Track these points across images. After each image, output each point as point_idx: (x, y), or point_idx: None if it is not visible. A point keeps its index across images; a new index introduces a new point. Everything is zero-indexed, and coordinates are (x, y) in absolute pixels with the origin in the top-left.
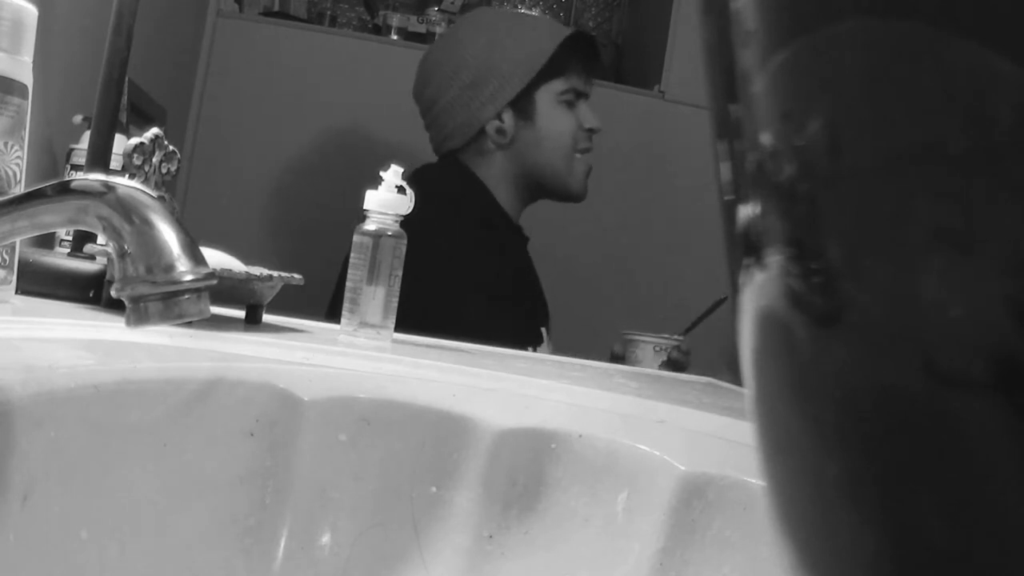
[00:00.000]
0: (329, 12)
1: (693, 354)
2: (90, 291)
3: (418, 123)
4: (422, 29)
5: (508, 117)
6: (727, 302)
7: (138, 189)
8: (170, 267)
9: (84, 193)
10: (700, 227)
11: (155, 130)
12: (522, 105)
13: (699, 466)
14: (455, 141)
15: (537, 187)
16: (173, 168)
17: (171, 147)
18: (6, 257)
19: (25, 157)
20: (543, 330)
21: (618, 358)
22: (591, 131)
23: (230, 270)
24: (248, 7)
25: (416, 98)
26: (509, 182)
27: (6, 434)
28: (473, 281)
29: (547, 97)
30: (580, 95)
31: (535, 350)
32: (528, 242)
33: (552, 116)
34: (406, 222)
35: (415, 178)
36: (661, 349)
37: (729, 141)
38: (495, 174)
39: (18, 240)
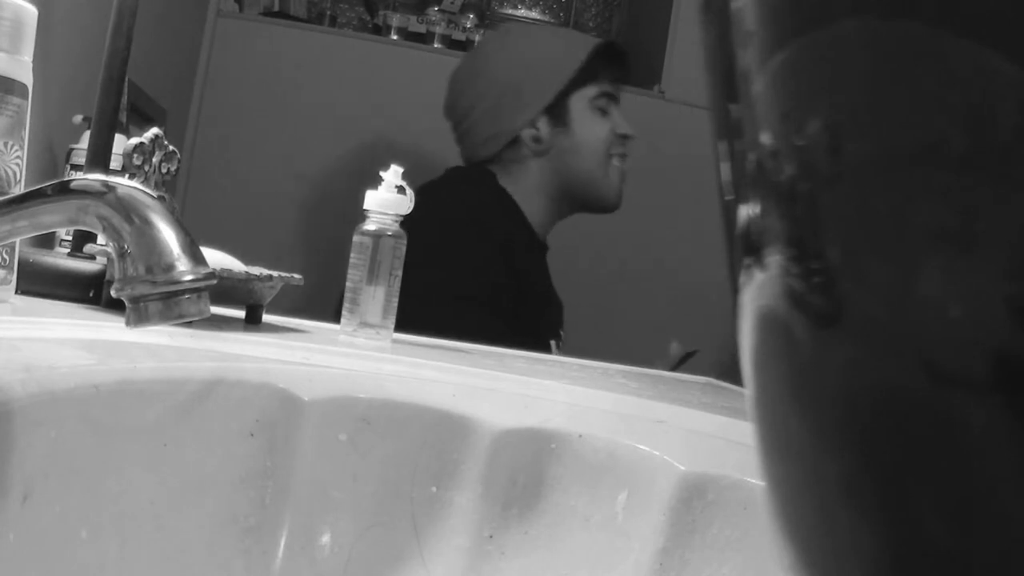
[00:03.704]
0: (329, 12)
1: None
2: (90, 291)
3: (417, 123)
4: (422, 29)
5: (543, 124)
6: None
7: (138, 189)
8: (170, 267)
9: (84, 193)
10: (700, 227)
11: (155, 130)
12: (557, 111)
13: (699, 466)
14: (488, 150)
15: (572, 197)
16: (173, 168)
17: (171, 147)
18: (6, 257)
19: (25, 157)
20: (553, 343)
21: None
22: (624, 137)
23: (230, 270)
24: (248, 7)
25: (448, 113)
26: (543, 194)
27: (6, 434)
28: (481, 294)
29: (581, 103)
30: (612, 99)
31: None
32: (547, 252)
33: (587, 122)
34: (422, 225)
35: (443, 181)
36: None
37: (729, 141)
38: (529, 186)
39: (18, 240)
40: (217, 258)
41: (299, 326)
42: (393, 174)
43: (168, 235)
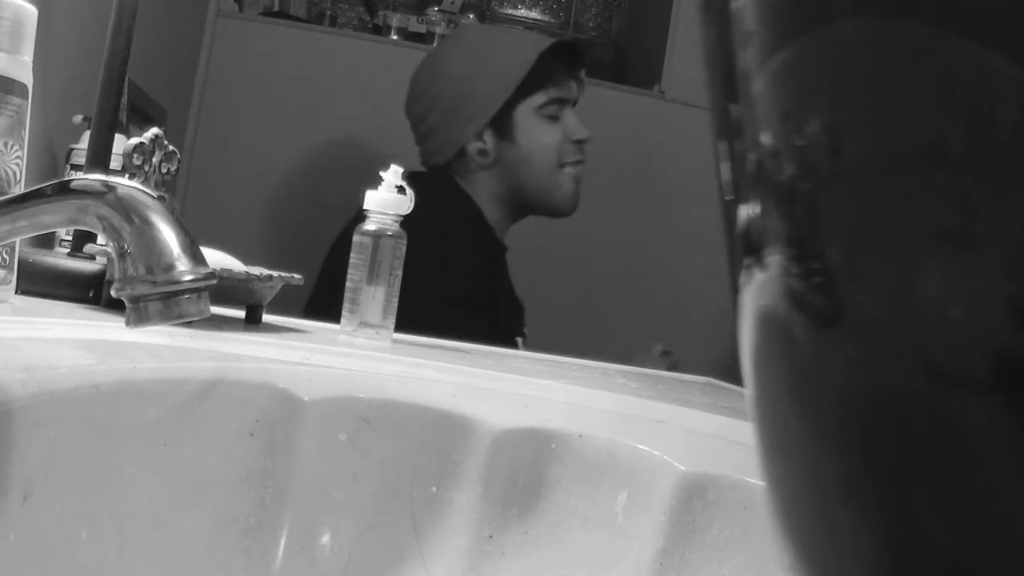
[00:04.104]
0: (329, 12)
1: (690, 355)
2: (90, 291)
3: None
4: (422, 29)
5: (489, 137)
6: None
7: (138, 189)
8: (170, 267)
9: (84, 193)
10: (700, 227)
11: (155, 130)
12: (501, 125)
13: (699, 466)
14: (440, 158)
15: (523, 204)
16: (173, 168)
17: (171, 147)
18: (6, 257)
19: (25, 157)
20: (519, 340)
21: None
22: (579, 142)
23: (230, 270)
24: (248, 7)
25: (407, 115)
26: (495, 200)
27: (6, 434)
28: (448, 295)
29: (527, 113)
30: (564, 104)
31: None
32: (507, 252)
33: (533, 132)
34: None
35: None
36: None
37: (729, 141)
38: (482, 192)
39: (18, 240)
40: (217, 258)
41: (299, 326)
42: (393, 174)
43: (168, 235)
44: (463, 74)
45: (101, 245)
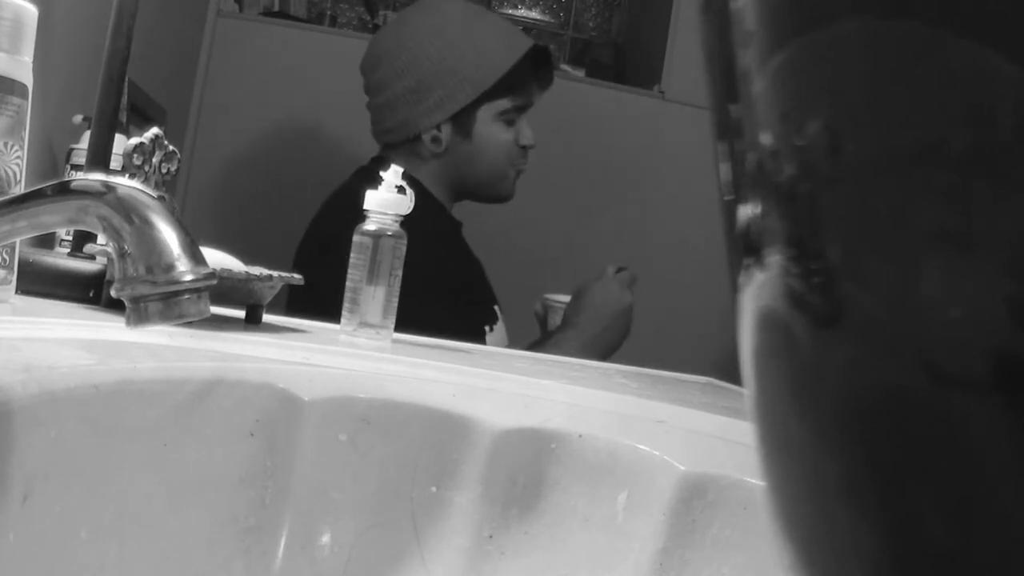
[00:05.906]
0: (329, 12)
1: (688, 354)
2: (90, 291)
3: None
4: None
5: (446, 129)
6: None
7: (138, 189)
8: (170, 267)
9: (84, 193)
10: (700, 227)
11: (155, 130)
12: (462, 120)
13: (699, 466)
14: (392, 137)
15: (464, 192)
16: (173, 168)
17: (171, 147)
18: (6, 257)
19: (25, 157)
20: (496, 308)
21: (541, 319)
22: (526, 148)
23: (230, 270)
24: (248, 7)
25: (362, 72)
26: (440, 183)
27: (6, 434)
28: (422, 277)
29: (488, 114)
30: (524, 111)
31: (492, 328)
32: (462, 227)
33: (489, 134)
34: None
35: (358, 183)
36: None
37: (729, 141)
38: (429, 174)
39: (18, 240)
40: (217, 258)
41: (299, 326)
42: (393, 174)
43: (168, 235)
44: (435, 57)
45: (101, 245)
